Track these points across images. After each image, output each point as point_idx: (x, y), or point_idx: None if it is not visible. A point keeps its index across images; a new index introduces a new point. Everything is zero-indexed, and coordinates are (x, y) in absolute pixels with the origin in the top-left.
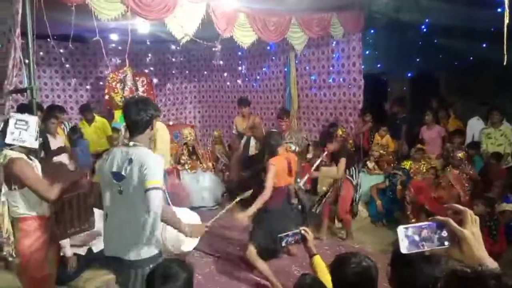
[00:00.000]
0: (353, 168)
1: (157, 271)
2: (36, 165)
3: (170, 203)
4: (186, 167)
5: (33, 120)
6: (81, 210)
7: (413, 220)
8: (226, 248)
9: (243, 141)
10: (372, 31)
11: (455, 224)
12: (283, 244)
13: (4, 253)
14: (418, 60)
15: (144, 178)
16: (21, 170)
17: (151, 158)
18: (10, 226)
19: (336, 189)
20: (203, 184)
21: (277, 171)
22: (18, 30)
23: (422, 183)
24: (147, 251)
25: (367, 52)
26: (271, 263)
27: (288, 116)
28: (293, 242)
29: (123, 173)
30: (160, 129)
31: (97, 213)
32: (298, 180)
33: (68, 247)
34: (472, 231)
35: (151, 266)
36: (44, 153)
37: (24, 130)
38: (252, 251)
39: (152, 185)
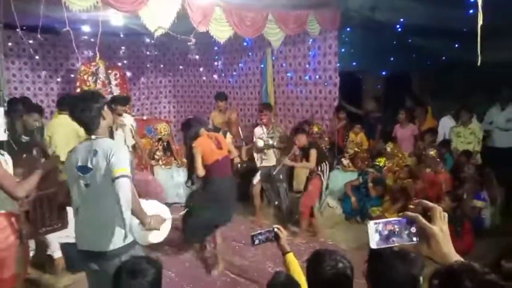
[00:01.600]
0: (324, 164)
1: (125, 267)
2: (6, 159)
3: (135, 193)
4: (161, 163)
5: (0, 112)
6: (53, 209)
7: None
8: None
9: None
10: (348, 29)
11: (424, 221)
12: (256, 242)
13: None
14: (392, 59)
15: (111, 167)
16: None
17: (116, 147)
18: None
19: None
20: (178, 180)
21: (203, 151)
22: None
23: (436, 178)
24: (121, 240)
25: (343, 50)
26: (245, 259)
27: (269, 109)
28: (265, 240)
29: (89, 165)
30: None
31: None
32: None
33: (56, 248)
34: (441, 228)
35: (127, 254)
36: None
37: None
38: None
39: (120, 173)
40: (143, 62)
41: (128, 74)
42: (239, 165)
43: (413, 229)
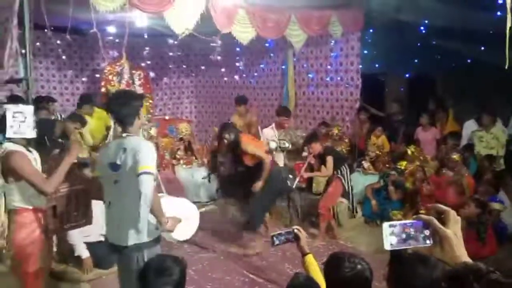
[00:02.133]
0: (344, 168)
1: (151, 265)
2: (35, 157)
3: (164, 191)
4: (182, 162)
5: (29, 111)
6: (79, 205)
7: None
8: (220, 244)
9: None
10: (371, 30)
11: (438, 224)
12: (276, 242)
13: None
14: (416, 61)
15: (136, 164)
16: (17, 163)
17: (144, 145)
18: (6, 219)
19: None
20: (198, 179)
21: (256, 145)
22: (15, 20)
23: (441, 179)
24: (145, 236)
25: (365, 52)
26: (263, 259)
27: (287, 114)
28: (285, 241)
29: (118, 162)
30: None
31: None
32: (291, 177)
33: (82, 248)
34: (455, 232)
35: (150, 250)
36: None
37: (23, 122)
38: None
39: (144, 169)
40: (166, 63)
41: (152, 74)
42: None
43: (427, 232)
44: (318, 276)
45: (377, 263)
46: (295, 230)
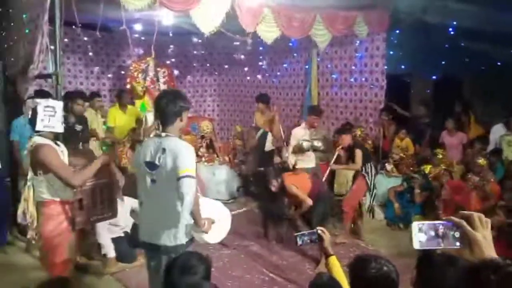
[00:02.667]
0: (369, 165)
1: (176, 263)
2: (63, 150)
3: (200, 193)
4: (203, 160)
5: (59, 106)
6: (104, 198)
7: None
8: (241, 242)
9: (258, 134)
10: (397, 31)
11: (468, 227)
12: (300, 242)
13: (28, 236)
14: (443, 62)
15: (177, 166)
16: (46, 156)
17: (184, 148)
18: (34, 211)
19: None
20: (219, 177)
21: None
22: (46, 16)
23: (460, 183)
24: (180, 238)
25: (391, 53)
26: (283, 259)
27: (320, 114)
28: (309, 241)
29: (156, 162)
30: None
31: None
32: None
33: (110, 248)
34: (484, 235)
35: (185, 250)
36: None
37: (52, 116)
38: None
39: (185, 173)
40: (190, 61)
41: (176, 72)
42: (279, 165)
43: (457, 234)
44: (341, 278)
45: (400, 267)
46: (319, 231)
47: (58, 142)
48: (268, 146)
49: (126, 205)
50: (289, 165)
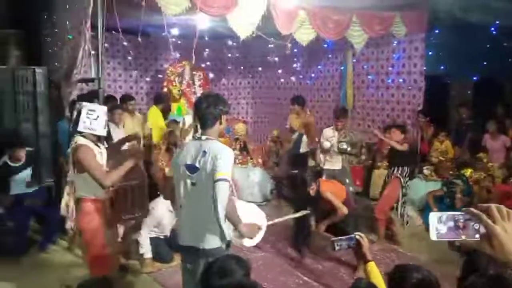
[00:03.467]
0: (406, 168)
1: (214, 267)
2: (102, 151)
3: (236, 196)
4: (237, 162)
5: (102, 110)
6: (135, 198)
7: None
8: (275, 244)
9: (294, 137)
10: (436, 31)
11: (487, 219)
12: (337, 248)
13: (67, 226)
14: (484, 63)
15: (215, 169)
16: (83, 156)
17: (225, 151)
18: (74, 204)
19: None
20: (253, 179)
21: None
22: (88, 23)
23: (509, 188)
24: (217, 241)
25: (430, 53)
26: (319, 263)
27: (346, 115)
28: (346, 246)
29: (197, 165)
30: None
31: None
32: (347, 181)
33: (148, 249)
34: (505, 228)
35: (223, 254)
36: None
37: (94, 119)
38: None
39: (222, 176)
40: (224, 64)
41: (211, 75)
42: (313, 168)
43: (477, 226)
44: (380, 284)
45: (439, 274)
46: (357, 236)
47: (99, 144)
48: (303, 148)
49: (166, 206)
50: (319, 164)
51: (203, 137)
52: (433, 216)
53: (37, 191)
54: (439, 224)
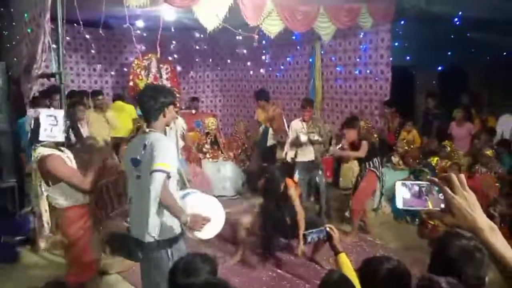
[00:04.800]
0: (376, 160)
1: (180, 265)
2: (68, 155)
3: (188, 186)
4: (208, 156)
5: (60, 115)
6: (116, 193)
7: None
8: (247, 238)
9: (260, 130)
10: (402, 22)
11: (447, 189)
12: (308, 240)
13: (44, 245)
14: (449, 53)
15: (152, 160)
16: (53, 167)
17: (162, 142)
18: (47, 216)
19: (357, 179)
20: (224, 173)
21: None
22: (48, 15)
23: (472, 182)
24: (161, 234)
25: (396, 44)
26: (292, 254)
27: (311, 106)
28: (317, 239)
29: (139, 158)
30: None
31: None
32: (320, 173)
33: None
34: (464, 196)
35: (170, 248)
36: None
37: (55, 126)
38: None
39: (158, 167)
40: (192, 56)
41: (178, 68)
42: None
43: (441, 196)
44: (352, 275)
45: (408, 261)
46: (327, 229)
47: (62, 148)
48: (270, 141)
49: None
50: (287, 158)
51: (147, 130)
52: (399, 185)
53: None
54: (405, 192)
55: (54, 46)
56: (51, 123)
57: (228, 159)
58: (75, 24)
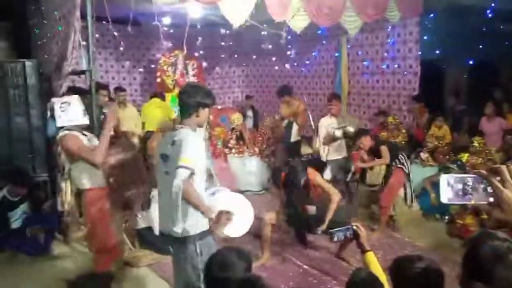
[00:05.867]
0: (402, 156)
1: (215, 260)
2: (91, 138)
3: (218, 184)
4: (233, 152)
5: (73, 99)
6: (134, 173)
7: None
8: (274, 233)
9: (283, 125)
10: (431, 15)
11: (496, 182)
12: (335, 239)
13: (64, 222)
14: (481, 47)
15: (178, 155)
16: (68, 142)
17: (187, 138)
18: (72, 199)
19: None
20: (250, 168)
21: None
22: (77, 13)
23: None
24: (187, 229)
25: (425, 38)
26: (318, 250)
27: (338, 100)
28: (343, 237)
29: (167, 153)
30: None
31: None
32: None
33: None
34: None
35: (198, 243)
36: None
37: (69, 111)
38: None
39: (182, 163)
40: (218, 52)
41: (204, 64)
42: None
43: (490, 189)
44: (380, 273)
45: (437, 259)
46: (354, 227)
47: (85, 132)
48: (294, 137)
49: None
50: (322, 157)
51: (178, 126)
52: (444, 179)
53: (35, 218)
54: (449, 187)
55: (83, 43)
56: (64, 109)
57: (254, 154)
58: (103, 22)
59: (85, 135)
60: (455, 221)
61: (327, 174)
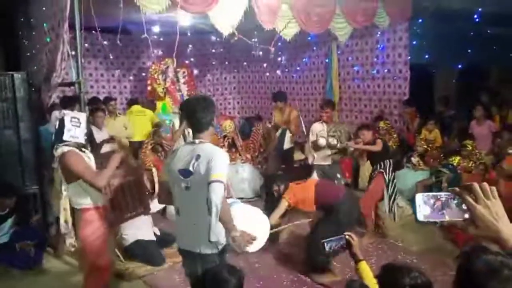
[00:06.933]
0: (388, 161)
1: (207, 277)
2: (89, 156)
3: (234, 196)
4: None
5: (83, 117)
6: (134, 195)
7: None
8: (270, 242)
9: (278, 133)
10: (420, 20)
11: (469, 199)
12: (327, 249)
13: (67, 243)
14: (469, 51)
15: (210, 171)
16: (70, 161)
17: (219, 153)
18: (70, 219)
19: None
20: (242, 175)
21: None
22: (66, 24)
23: (474, 178)
24: (212, 245)
25: (414, 43)
26: None
27: (331, 106)
28: (337, 247)
29: (190, 169)
30: None
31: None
32: (339, 176)
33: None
34: (487, 205)
35: (219, 257)
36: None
37: (78, 127)
38: None
39: (216, 178)
40: (208, 59)
41: (195, 71)
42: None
43: (464, 206)
44: (372, 283)
45: (430, 264)
46: (347, 237)
47: (84, 149)
48: (287, 144)
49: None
50: (309, 160)
51: (197, 141)
52: (419, 197)
53: (24, 232)
54: (425, 205)
55: (73, 53)
56: (74, 124)
57: (246, 161)
58: (93, 31)
59: (84, 151)
60: (447, 229)
61: (314, 177)
